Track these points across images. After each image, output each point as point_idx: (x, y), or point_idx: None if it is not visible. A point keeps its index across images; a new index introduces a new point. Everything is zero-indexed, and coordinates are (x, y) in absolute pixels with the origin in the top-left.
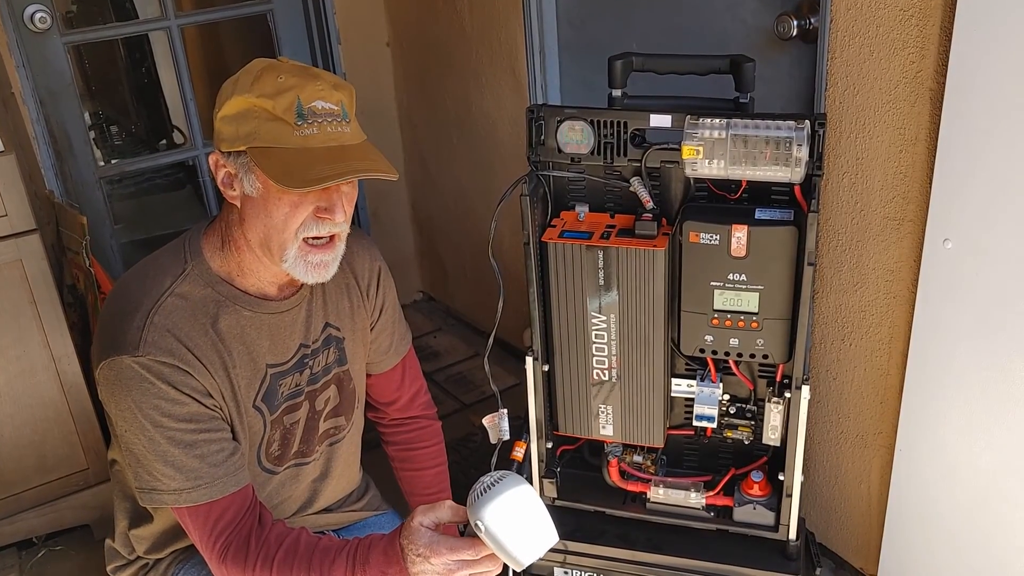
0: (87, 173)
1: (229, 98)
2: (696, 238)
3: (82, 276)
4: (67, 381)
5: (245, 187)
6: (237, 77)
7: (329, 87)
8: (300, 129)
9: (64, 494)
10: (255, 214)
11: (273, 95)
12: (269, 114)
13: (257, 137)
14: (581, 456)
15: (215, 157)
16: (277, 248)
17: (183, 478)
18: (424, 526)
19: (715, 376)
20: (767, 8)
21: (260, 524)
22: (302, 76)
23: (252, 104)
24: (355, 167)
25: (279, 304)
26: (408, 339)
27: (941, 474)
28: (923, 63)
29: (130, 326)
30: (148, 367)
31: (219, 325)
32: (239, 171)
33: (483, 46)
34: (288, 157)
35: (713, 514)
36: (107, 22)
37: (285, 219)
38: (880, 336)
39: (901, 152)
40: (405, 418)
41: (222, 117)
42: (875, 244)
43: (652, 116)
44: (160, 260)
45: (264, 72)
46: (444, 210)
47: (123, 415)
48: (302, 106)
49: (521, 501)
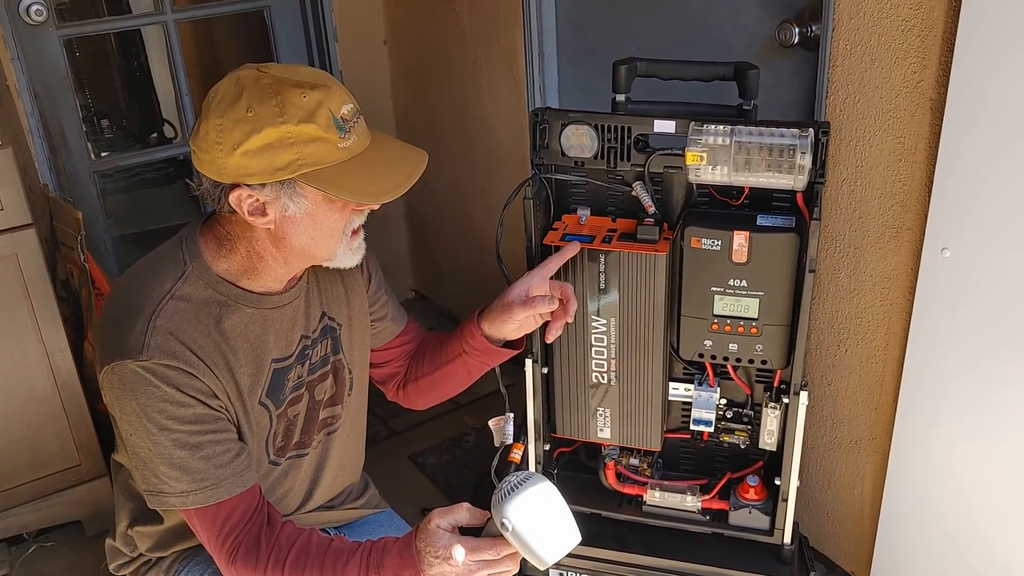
0: (81, 167)
1: (256, 132)
2: (697, 243)
3: (76, 271)
4: (61, 376)
5: (289, 210)
6: (248, 106)
7: (339, 87)
8: (343, 141)
9: (56, 490)
10: (298, 231)
11: (310, 117)
12: (309, 136)
13: (303, 163)
14: (578, 458)
15: (239, 193)
16: (327, 251)
17: (189, 480)
18: (442, 528)
19: (713, 380)
20: (769, 15)
21: (270, 524)
22: (316, 86)
23: (287, 132)
24: (411, 163)
25: (280, 298)
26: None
27: (934, 481)
28: (924, 73)
29: (132, 330)
30: (152, 371)
31: (223, 325)
32: (278, 197)
33: (482, 47)
34: (340, 172)
35: (709, 517)
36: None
37: (336, 224)
38: (876, 343)
39: (901, 161)
40: None
41: (245, 152)
42: (873, 251)
43: (656, 121)
44: (158, 262)
45: (282, 93)
46: (439, 210)
47: (128, 419)
48: (336, 118)
49: (547, 501)
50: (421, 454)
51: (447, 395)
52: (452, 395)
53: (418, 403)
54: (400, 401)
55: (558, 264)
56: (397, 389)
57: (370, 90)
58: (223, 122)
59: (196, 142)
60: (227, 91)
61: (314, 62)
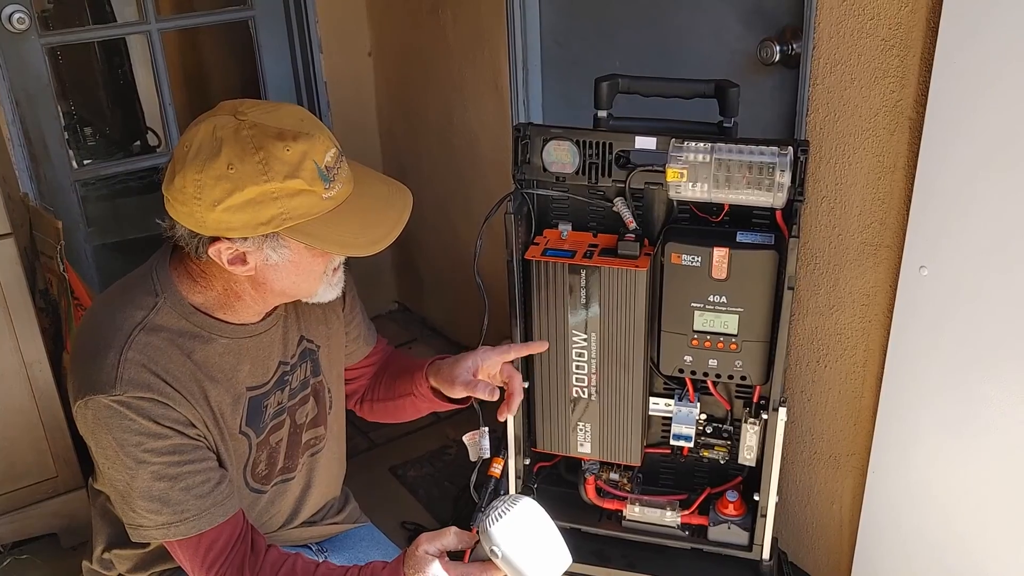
0: (62, 176)
1: (239, 190)
2: (678, 259)
3: (55, 281)
4: (38, 388)
5: (271, 259)
6: (228, 162)
7: (322, 133)
8: (327, 191)
9: (32, 502)
10: (279, 276)
11: (295, 172)
12: (293, 190)
13: (287, 217)
14: (558, 473)
15: (219, 246)
16: (306, 292)
17: (170, 512)
18: (430, 554)
19: (693, 396)
20: (751, 33)
21: (253, 552)
22: (299, 136)
23: (272, 189)
24: (396, 207)
25: (255, 327)
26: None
27: (912, 496)
28: (903, 92)
29: (104, 363)
30: (127, 404)
31: (196, 356)
32: (260, 248)
33: (466, 60)
34: (325, 223)
35: (688, 533)
36: (84, 23)
37: (317, 269)
38: (855, 359)
39: (880, 179)
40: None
41: (227, 208)
42: (852, 268)
43: (637, 138)
44: (129, 292)
45: (265, 148)
46: (422, 221)
47: (104, 452)
48: (320, 169)
49: (536, 525)
50: (402, 466)
51: (402, 420)
52: (407, 420)
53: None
54: (356, 412)
55: (518, 355)
56: (356, 403)
57: (354, 101)
58: (202, 178)
59: (172, 193)
60: (204, 142)
61: (298, 73)
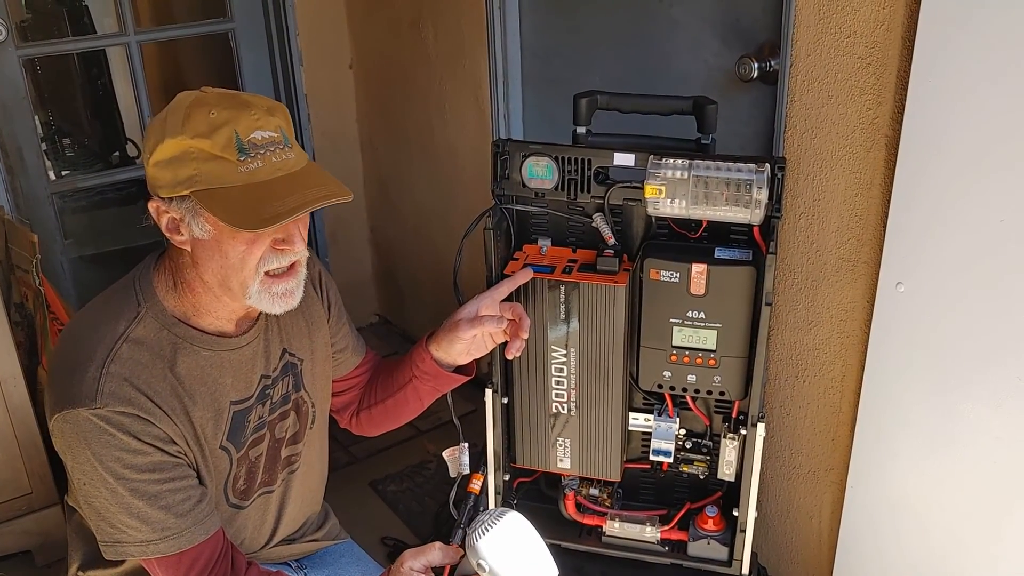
0: (39, 188)
1: (161, 142)
2: (656, 275)
3: (31, 295)
4: (12, 404)
5: (194, 231)
6: (164, 117)
7: (264, 114)
8: (243, 164)
9: (6, 519)
10: (209, 256)
11: (208, 133)
12: (207, 154)
13: (199, 180)
14: (538, 488)
15: (155, 204)
16: (238, 287)
17: (149, 530)
18: (415, 570)
19: (672, 411)
20: (729, 49)
21: (234, 570)
22: (234, 107)
23: (188, 146)
24: (309, 197)
25: (238, 340)
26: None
27: (890, 510)
28: (880, 110)
29: (84, 376)
30: (107, 418)
31: (178, 369)
32: (185, 215)
33: (447, 73)
34: (236, 195)
35: (668, 548)
36: (63, 34)
37: (242, 257)
38: (833, 374)
39: (857, 196)
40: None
41: (156, 163)
42: (830, 285)
43: (616, 154)
44: (111, 303)
45: (192, 109)
46: (403, 234)
47: (82, 468)
48: (241, 140)
49: (522, 538)
50: (382, 481)
51: (399, 422)
52: (404, 422)
53: (370, 431)
54: (351, 429)
55: (509, 289)
56: (351, 418)
57: (335, 114)
58: (148, 131)
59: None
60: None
61: (279, 85)
